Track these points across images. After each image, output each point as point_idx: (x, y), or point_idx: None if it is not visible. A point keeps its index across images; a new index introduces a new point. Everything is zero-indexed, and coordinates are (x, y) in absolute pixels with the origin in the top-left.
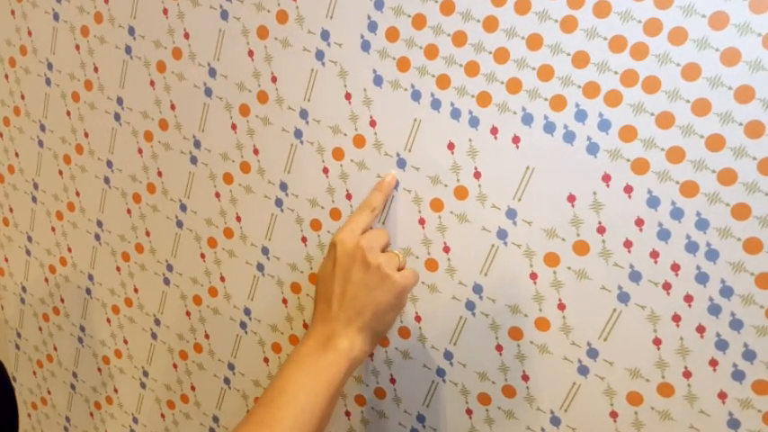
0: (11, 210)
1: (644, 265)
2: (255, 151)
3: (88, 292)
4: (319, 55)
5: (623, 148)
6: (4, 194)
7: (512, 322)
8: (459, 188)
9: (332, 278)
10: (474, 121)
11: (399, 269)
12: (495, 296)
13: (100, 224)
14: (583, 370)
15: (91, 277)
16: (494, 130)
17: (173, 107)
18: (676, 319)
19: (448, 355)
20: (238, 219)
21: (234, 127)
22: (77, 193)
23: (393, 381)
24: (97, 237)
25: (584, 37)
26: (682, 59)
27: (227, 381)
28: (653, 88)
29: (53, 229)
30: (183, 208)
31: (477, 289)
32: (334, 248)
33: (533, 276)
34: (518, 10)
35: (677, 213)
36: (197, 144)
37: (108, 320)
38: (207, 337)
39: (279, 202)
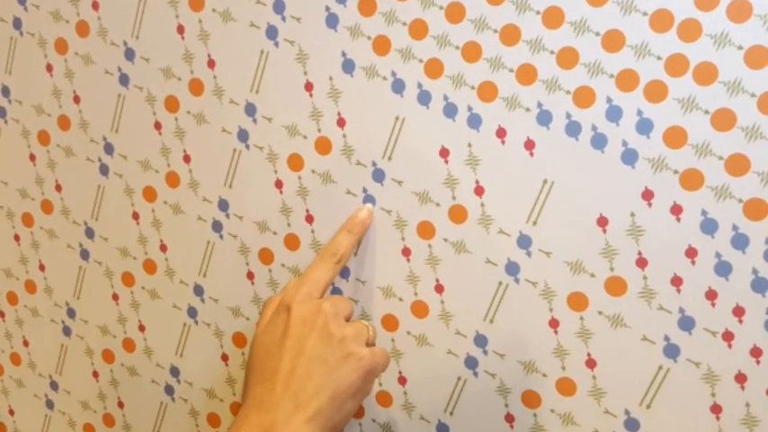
0: None
1: (698, 308)
2: (186, 158)
3: None
4: (271, 32)
5: (669, 156)
6: None
7: (526, 384)
8: (455, 208)
9: (279, 350)
10: (474, 121)
11: (367, 345)
12: (505, 350)
13: None
14: None
15: None
16: (500, 132)
17: (76, 100)
18: (740, 379)
19: (442, 429)
20: (163, 248)
21: (158, 126)
22: None
23: None
24: None
25: (618, 11)
26: (745, 40)
27: None
28: (708, 78)
29: None
30: (90, 233)
31: (481, 341)
32: (287, 313)
33: (554, 324)
34: None
35: (741, 241)
36: (108, 149)
37: None
38: (121, 405)
39: (217, 226)
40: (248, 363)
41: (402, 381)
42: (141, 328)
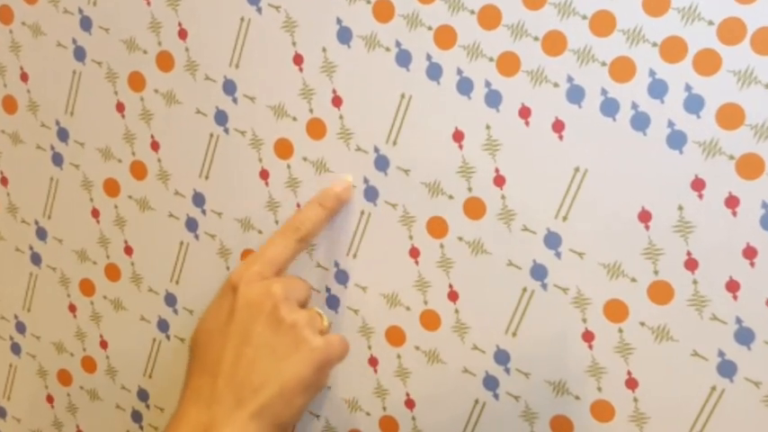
0: None
1: (758, 318)
2: (154, 145)
3: None
4: None
5: (724, 139)
6: None
7: (556, 409)
8: (471, 201)
9: (222, 337)
10: (494, 98)
11: (321, 334)
12: (530, 368)
13: None
14: None
15: None
16: (524, 112)
17: (24, 77)
18: None
19: None
20: (128, 250)
21: (120, 107)
22: None
23: None
24: None
25: None
26: None
27: None
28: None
29: None
30: (42, 234)
31: (502, 357)
32: (233, 292)
33: (588, 337)
34: None
35: None
36: (62, 135)
37: None
38: None
39: (192, 224)
40: (190, 351)
41: (410, 404)
42: (103, 345)
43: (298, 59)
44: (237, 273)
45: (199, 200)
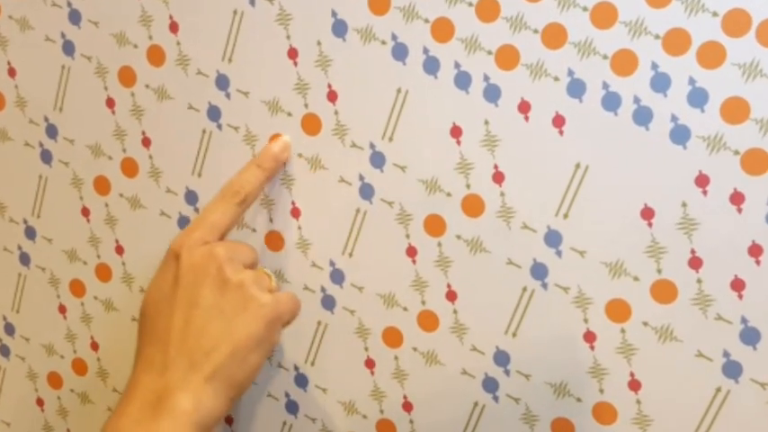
0: None
1: (764, 318)
2: (146, 142)
3: None
4: None
5: (728, 134)
6: None
7: (557, 411)
8: (470, 198)
9: (169, 305)
10: (492, 92)
11: (269, 292)
12: (530, 369)
13: None
14: None
15: None
16: (524, 107)
17: (11, 72)
18: None
19: None
20: (119, 250)
21: (111, 103)
22: None
23: None
24: None
25: None
26: None
27: None
28: None
29: None
30: (31, 234)
31: (501, 358)
32: (176, 260)
33: (590, 337)
34: None
35: None
36: (51, 131)
37: None
38: None
39: (184, 223)
40: (139, 323)
41: (407, 407)
42: (94, 347)
43: (292, 53)
44: (178, 240)
45: (191, 198)
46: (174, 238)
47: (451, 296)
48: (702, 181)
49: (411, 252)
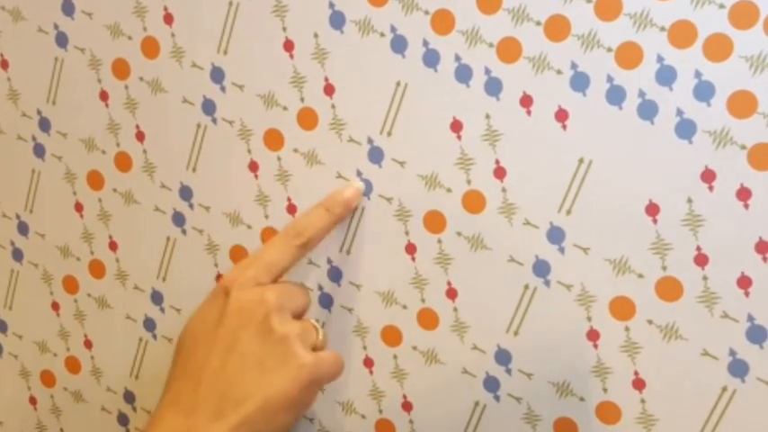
0: None
1: None
2: (140, 136)
3: None
4: None
5: (735, 128)
6: None
7: (559, 411)
8: (470, 194)
9: (208, 342)
10: (494, 86)
11: (314, 349)
12: (532, 368)
13: None
14: None
15: None
16: (526, 101)
17: (3, 65)
18: None
19: None
20: (113, 246)
21: (104, 96)
22: None
23: None
24: None
25: None
26: None
27: None
28: None
29: None
30: (23, 229)
31: (503, 357)
32: (225, 296)
33: (593, 335)
34: None
35: None
36: (44, 125)
37: None
38: None
39: (179, 219)
40: (174, 352)
41: (407, 407)
42: (88, 345)
43: (288, 46)
44: (231, 276)
45: (186, 193)
46: (226, 273)
47: (452, 294)
48: (708, 176)
49: (410, 249)
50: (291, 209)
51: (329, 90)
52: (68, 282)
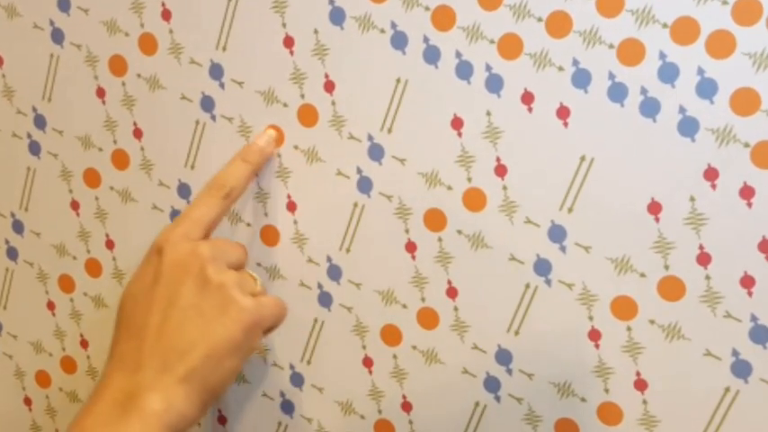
0: None
1: None
2: (137, 133)
3: None
4: None
5: (738, 126)
6: None
7: (560, 411)
8: (471, 192)
9: (147, 301)
10: (495, 83)
11: (254, 296)
12: (533, 368)
13: None
14: None
15: None
16: (527, 98)
17: None
18: None
19: None
20: (110, 244)
21: (101, 93)
22: None
23: None
24: None
25: None
26: None
27: None
28: None
29: None
30: (18, 227)
31: (504, 357)
32: (159, 255)
33: (594, 335)
34: None
35: None
36: (40, 122)
37: None
38: None
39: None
40: (116, 317)
41: (406, 407)
42: (84, 344)
43: (288, 42)
44: (162, 235)
45: (184, 191)
46: (161, 232)
47: (452, 293)
48: (711, 174)
49: (410, 247)
50: (291, 206)
51: (329, 87)
52: (64, 281)
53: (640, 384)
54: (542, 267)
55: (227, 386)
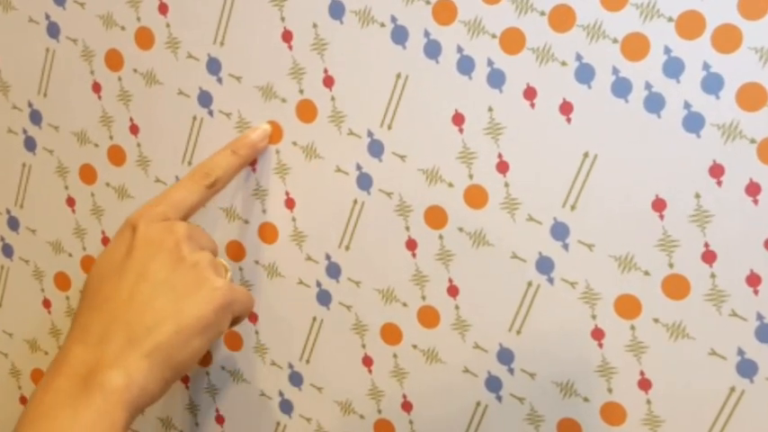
0: None
1: None
2: (134, 128)
3: None
4: None
5: (744, 121)
6: None
7: (563, 411)
8: (472, 189)
9: (117, 274)
10: (497, 78)
11: None
12: (535, 368)
13: None
14: None
15: None
16: (530, 93)
17: None
18: None
19: None
20: (106, 241)
21: (97, 88)
22: None
23: None
24: None
25: None
26: None
27: None
28: None
29: None
30: (14, 224)
31: (505, 356)
32: (132, 231)
33: (598, 334)
34: None
35: None
36: (35, 117)
37: None
38: None
39: None
40: (82, 290)
41: (407, 407)
42: None
43: (287, 36)
44: (138, 212)
45: None
46: (136, 210)
47: (453, 291)
48: (717, 171)
49: (411, 245)
50: (290, 203)
51: (329, 82)
52: (60, 278)
53: (644, 384)
54: (545, 265)
55: (190, 366)
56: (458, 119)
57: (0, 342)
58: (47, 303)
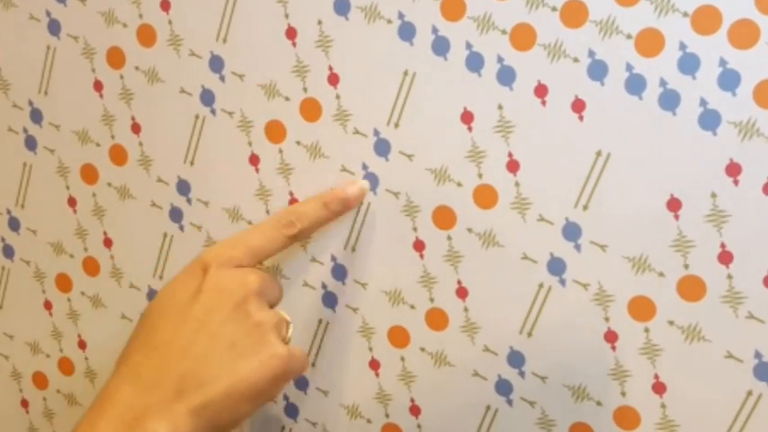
0: None
1: None
2: (135, 127)
3: None
4: None
5: (762, 119)
6: None
7: (575, 416)
8: (482, 189)
9: (180, 317)
10: (506, 75)
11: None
12: (547, 371)
13: None
14: None
15: None
16: (540, 90)
17: None
18: None
19: None
20: (108, 242)
21: (99, 86)
22: None
23: None
24: None
25: None
26: None
27: None
28: None
29: None
30: (14, 224)
31: (516, 359)
32: (203, 273)
33: (611, 337)
34: None
35: None
36: (36, 116)
37: None
38: None
39: (176, 214)
40: (138, 323)
41: (415, 411)
42: (81, 345)
43: (291, 33)
44: (212, 252)
45: (184, 188)
46: (207, 247)
47: (462, 293)
48: (734, 170)
49: (419, 246)
50: (294, 203)
51: (333, 80)
52: (61, 280)
53: (659, 388)
54: (556, 266)
55: (232, 428)
56: (467, 117)
57: (1, 344)
58: (48, 305)
